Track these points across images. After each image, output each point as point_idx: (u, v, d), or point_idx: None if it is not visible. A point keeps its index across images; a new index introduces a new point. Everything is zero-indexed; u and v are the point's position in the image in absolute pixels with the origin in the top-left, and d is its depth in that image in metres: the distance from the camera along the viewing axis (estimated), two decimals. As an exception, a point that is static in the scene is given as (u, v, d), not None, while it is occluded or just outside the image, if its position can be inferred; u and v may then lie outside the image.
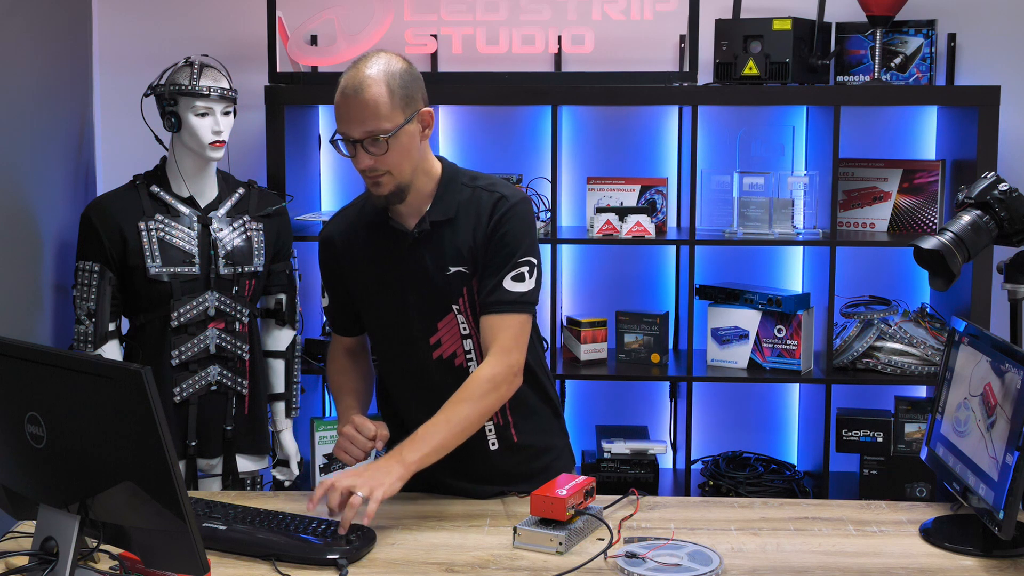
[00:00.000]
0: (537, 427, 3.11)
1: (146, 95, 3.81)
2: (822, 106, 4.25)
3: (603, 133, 4.66)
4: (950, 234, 2.86)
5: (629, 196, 4.47)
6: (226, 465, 3.85)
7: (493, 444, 3.06)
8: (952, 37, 4.45)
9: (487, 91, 4.27)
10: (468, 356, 3.00)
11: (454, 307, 2.96)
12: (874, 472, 4.31)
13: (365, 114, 2.80)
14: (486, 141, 4.69)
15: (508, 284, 2.91)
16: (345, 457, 2.92)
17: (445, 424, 2.82)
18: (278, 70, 4.29)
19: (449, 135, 4.68)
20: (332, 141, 2.88)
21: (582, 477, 2.78)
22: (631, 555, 2.55)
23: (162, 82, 3.75)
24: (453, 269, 2.94)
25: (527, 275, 2.92)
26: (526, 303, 2.93)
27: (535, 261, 2.94)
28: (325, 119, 4.70)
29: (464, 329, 2.98)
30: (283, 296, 3.97)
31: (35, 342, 3.19)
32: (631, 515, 2.85)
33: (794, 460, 4.69)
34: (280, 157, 4.22)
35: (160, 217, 3.71)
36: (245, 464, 3.89)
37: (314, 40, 4.53)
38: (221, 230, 3.77)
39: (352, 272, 3.06)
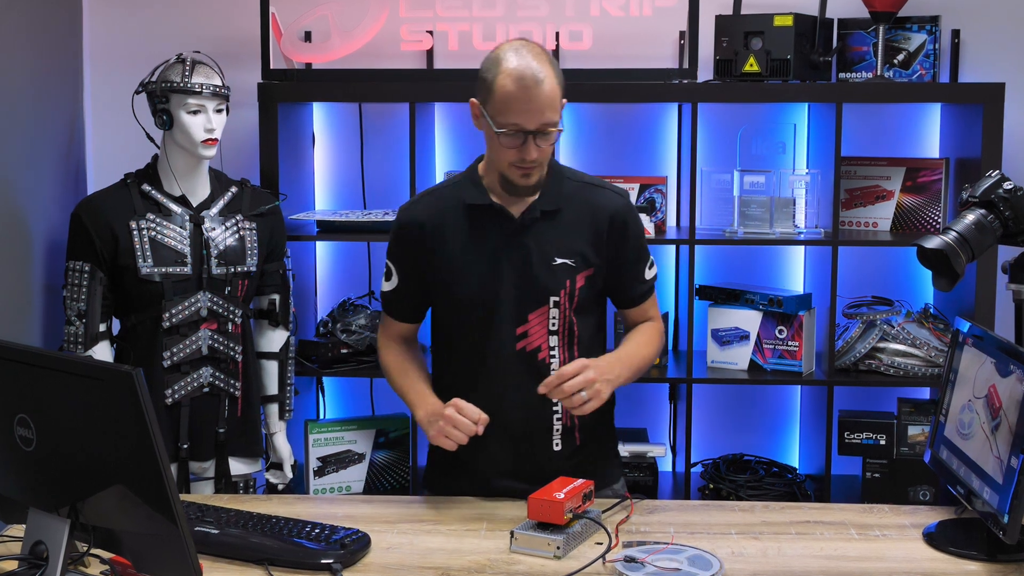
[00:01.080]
0: (597, 432, 3.13)
1: (137, 92, 3.81)
2: (824, 103, 4.25)
3: (601, 131, 4.66)
4: (954, 233, 2.86)
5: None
6: (218, 468, 3.84)
7: (557, 445, 3.08)
8: (956, 33, 4.45)
9: (484, 88, 4.26)
10: (552, 352, 3.04)
11: (552, 299, 3.01)
12: (877, 475, 4.31)
13: (543, 105, 2.87)
14: (483, 139, 4.67)
15: (646, 273, 3.19)
16: (445, 442, 2.91)
17: (644, 360, 3.11)
18: (271, 67, 4.29)
19: (445, 133, 4.67)
20: (495, 132, 2.92)
21: (580, 480, 2.78)
22: (630, 559, 2.55)
23: (153, 79, 3.75)
24: (559, 260, 3.01)
25: (653, 262, 3.21)
26: (655, 281, 3.23)
27: None
28: (319, 116, 4.70)
29: (553, 325, 3.03)
30: (276, 296, 3.97)
31: (24, 343, 3.19)
32: (626, 518, 2.86)
33: (795, 463, 4.69)
34: (273, 155, 4.22)
35: (152, 216, 3.71)
36: (238, 467, 3.89)
37: (308, 36, 4.53)
38: (213, 229, 3.77)
39: (438, 255, 3.06)
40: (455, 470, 3.11)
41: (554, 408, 3.06)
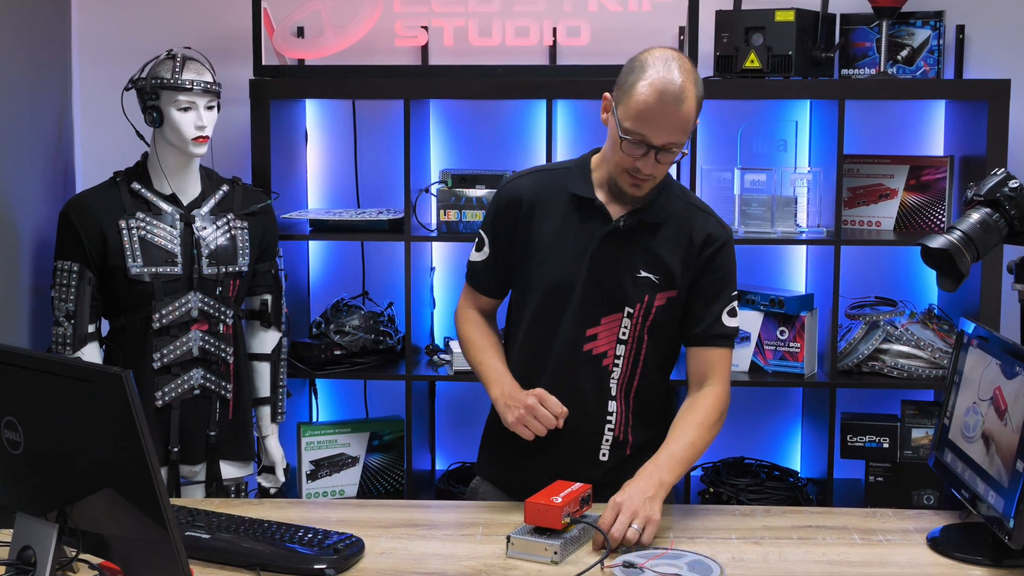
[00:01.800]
0: (647, 446, 3.09)
1: (127, 89, 3.81)
2: (826, 100, 4.25)
3: (599, 129, 4.61)
4: (959, 233, 2.86)
5: (627, 193, 4.47)
6: (209, 472, 3.84)
7: (604, 455, 3.08)
8: (961, 29, 4.45)
9: (479, 85, 4.26)
10: (616, 361, 3.04)
11: (627, 309, 3.01)
12: (880, 479, 4.31)
13: (676, 125, 2.85)
14: (478, 136, 4.68)
15: (725, 319, 3.05)
16: (523, 431, 2.92)
17: (692, 448, 2.94)
18: (263, 63, 4.28)
19: (440, 130, 4.67)
20: (619, 137, 2.88)
21: (578, 484, 2.78)
22: (628, 565, 2.55)
23: (143, 76, 3.75)
24: (644, 273, 3.00)
25: (736, 311, 3.08)
26: (734, 339, 3.10)
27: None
28: (312, 113, 4.70)
29: (623, 334, 3.03)
30: (268, 297, 3.97)
31: (12, 344, 3.18)
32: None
33: (797, 466, 4.69)
34: (265, 153, 4.22)
35: (141, 215, 3.71)
36: (229, 471, 3.89)
37: (300, 32, 4.53)
38: (204, 229, 3.77)
39: (531, 235, 3.07)
40: (512, 462, 3.13)
41: (608, 417, 3.06)
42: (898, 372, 4.23)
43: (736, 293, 3.08)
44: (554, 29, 4.34)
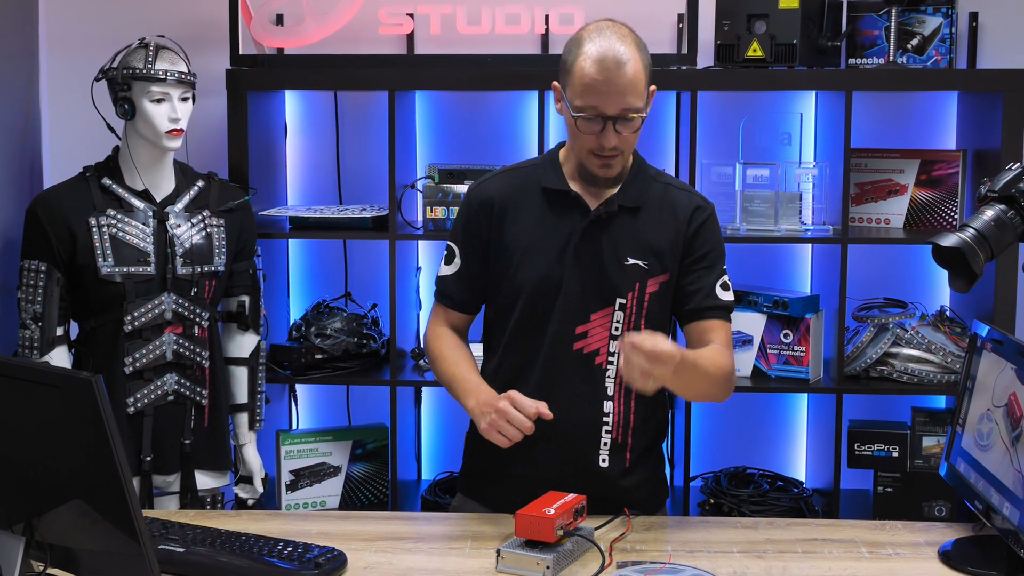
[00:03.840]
0: (648, 453, 3.12)
1: (97, 79, 3.80)
2: (832, 91, 4.26)
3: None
4: (972, 231, 2.87)
5: (623, 189, 4.47)
6: (184, 482, 3.84)
7: (604, 461, 3.07)
8: (974, 16, 4.46)
9: (468, 75, 4.27)
10: (610, 358, 3.04)
11: (618, 300, 3.01)
12: (889, 490, 4.32)
13: (625, 89, 2.88)
14: (467, 129, 4.69)
15: (719, 292, 3.07)
16: (498, 438, 2.87)
17: (712, 367, 2.93)
18: (241, 52, 4.28)
19: (426, 123, 4.68)
20: (572, 116, 2.91)
21: (571, 495, 2.78)
22: (625, 579, 2.56)
23: (114, 65, 3.75)
24: (632, 260, 3.01)
25: (729, 285, 3.09)
26: (730, 312, 3.10)
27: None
28: (292, 105, 4.70)
29: (616, 329, 3.02)
30: (246, 298, 3.97)
31: (-25, 348, 3.19)
32: (622, 535, 2.86)
33: (802, 477, 4.70)
34: (243, 147, 4.22)
35: (112, 212, 3.71)
36: (205, 481, 3.89)
37: (280, 20, 4.53)
38: (178, 226, 3.77)
39: (506, 237, 3.06)
40: (496, 475, 3.12)
41: (604, 419, 3.05)
42: (908, 377, 4.24)
43: (726, 269, 3.09)
44: (546, 16, 4.34)
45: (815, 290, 4.57)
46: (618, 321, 3.02)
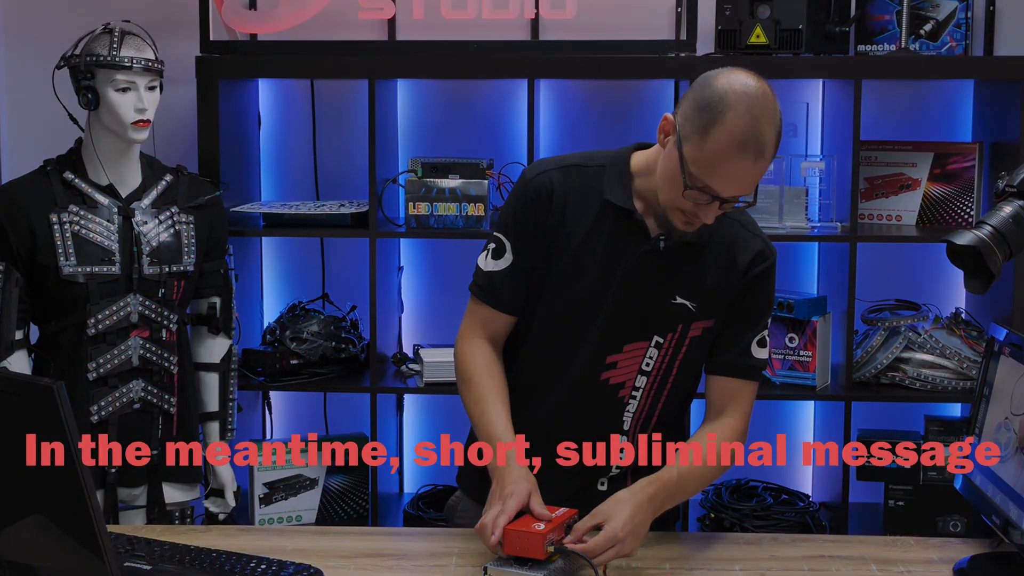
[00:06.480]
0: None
1: (59, 67, 3.80)
2: (841, 80, 4.27)
3: (587, 111, 4.67)
4: (989, 228, 2.87)
5: (618, 184, 4.48)
6: (151, 495, 3.84)
7: (602, 484, 3.05)
8: (991, 0, 4.47)
9: (453, 62, 4.27)
10: (634, 393, 2.98)
11: (656, 338, 2.93)
12: (901, 503, 4.33)
13: (750, 181, 2.74)
14: (452, 120, 4.69)
15: (755, 349, 2.99)
16: (493, 544, 2.69)
17: (696, 482, 2.94)
18: (211, 38, 4.29)
19: (408, 114, 4.68)
20: (682, 178, 2.72)
21: (563, 509, 2.77)
22: (621, 599, 2.56)
23: (77, 52, 3.75)
24: (680, 300, 2.91)
25: (767, 341, 3.03)
26: (762, 371, 3.06)
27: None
28: (265, 95, 4.70)
29: (647, 365, 2.96)
30: (217, 300, 3.97)
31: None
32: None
33: (808, 490, 4.71)
34: (214, 139, 4.22)
35: (75, 208, 3.70)
36: (173, 494, 3.89)
37: (253, 4, 4.53)
38: (145, 223, 3.76)
39: (558, 239, 2.93)
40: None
41: (618, 455, 3.02)
42: (921, 384, 4.24)
43: (768, 324, 3.02)
44: (536, 0, 4.34)
45: (822, 291, 4.58)
46: (651, 358, 2.95)
